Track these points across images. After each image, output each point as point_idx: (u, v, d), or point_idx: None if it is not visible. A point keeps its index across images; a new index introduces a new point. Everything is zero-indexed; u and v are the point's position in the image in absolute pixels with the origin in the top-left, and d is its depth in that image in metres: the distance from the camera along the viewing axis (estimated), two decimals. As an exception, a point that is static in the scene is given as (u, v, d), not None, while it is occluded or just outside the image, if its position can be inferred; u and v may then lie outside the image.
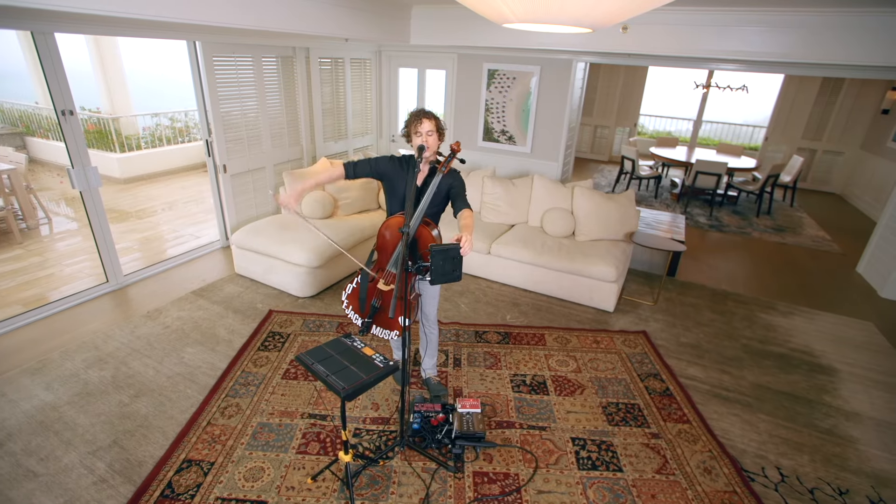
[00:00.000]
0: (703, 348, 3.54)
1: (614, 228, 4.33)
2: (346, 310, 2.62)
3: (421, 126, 2.31)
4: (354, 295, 2.60)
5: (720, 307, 4.18)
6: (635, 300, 4.23)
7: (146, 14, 2.52)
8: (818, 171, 8.77)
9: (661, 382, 3.11)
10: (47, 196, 6.45)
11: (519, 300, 4.12)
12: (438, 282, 1.99)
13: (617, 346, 3.51)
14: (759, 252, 5.59)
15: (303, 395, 2.83)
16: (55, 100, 3.33)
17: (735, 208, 7.36)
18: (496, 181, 4.78)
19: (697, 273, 4.87)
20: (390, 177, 2.47)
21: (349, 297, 2.61)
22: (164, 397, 2.75)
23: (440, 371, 3.11)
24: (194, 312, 3.66)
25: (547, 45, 4.20)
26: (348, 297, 2.62)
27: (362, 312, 2.56)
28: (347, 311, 2.62)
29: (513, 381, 3.05)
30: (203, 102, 4.25)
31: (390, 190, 2.49)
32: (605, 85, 10.19)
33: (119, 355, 3.10)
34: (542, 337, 3.57)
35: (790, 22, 3.45)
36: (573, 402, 2.89)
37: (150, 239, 5.23)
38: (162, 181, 7.50)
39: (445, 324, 3.68)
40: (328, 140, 5.77)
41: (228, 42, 4.19)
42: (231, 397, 2.78)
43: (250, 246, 4.07)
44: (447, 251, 1.95)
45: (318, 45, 5.15)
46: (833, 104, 8.32)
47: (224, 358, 3.13)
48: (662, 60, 4.96)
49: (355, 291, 2.58)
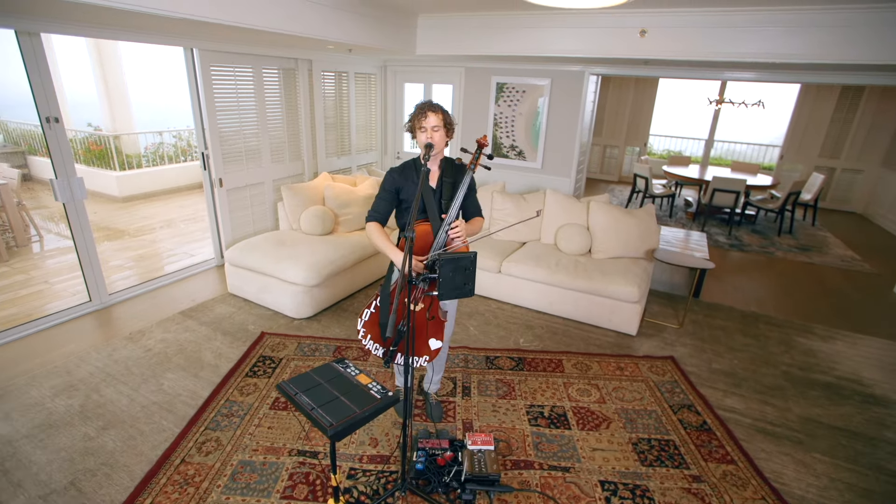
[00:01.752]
0: (739, 376, 3.18)
1: (634, 245, 4.03)
2: (364, 340, 2.28)
3: (426, 120, 2.06)
4: (373, 321, 2.26)
5: (752, 330, 3.83)
6: (659, 322, 3.89)
7: (141, 6, 2.32)
8: (838, 190, 8.47)
9: (697, 415, 2.76)
10: (45, 214, 6.27)
11: (532, 323, 3.80)
12: (448, 297, 1.71)
13: (643, 373, 3.16)
14: (786, 272, 5.25)
15: (292, 427, 2.51)
16: (39, 106, 3.14)
17: (754, 227, 7.05)
18: (506, 196, 4.53)
19: (723, 294, 4.53)
20: (406, 188, 2.22)
21: (367, 324, 2.27)
22: (135, 430, 2.44)
23: (446, 401, 2.78)
24: (180, 334, 3.37)
25: (560, 51, 4.00)
26: (365, 325, 2.27)
27: (384, 340, 2.22)
28: (365, 342, 2.28)
29: (529, 413, 2.71)
30: (200, 113, 4.07)
31: (408, 202, 2.24)
32: (615, 103, 10.06)
33: (91, 381, 2.80)
34: (560, 363, 3.24)
35: (813, 21, 3.23)
36: (599, 438, 2.54)
37: (143, 257, 4.99)
38: (161, 200, 7.33)
39: (453, 348, 3.36)
40: (330, 156, 5.57)
41: (227, 51, 4.03)
42: (211, 430, 2.46)
43: (244, 263, 3.81)
44: (458, 261, 1.67)
45: (321, 58, 5.01)
46: (851, 121, 8.09)
47: (208, 385, 2.83)
48: (678, 68, 4.76)
49: (374, 317, 2.25)
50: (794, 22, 3.27)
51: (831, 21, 3.20)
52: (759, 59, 3.43)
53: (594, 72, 5.01)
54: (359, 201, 4.49)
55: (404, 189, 2.23)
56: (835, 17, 3.18)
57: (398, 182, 2.23)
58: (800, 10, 3.23)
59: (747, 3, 3.26)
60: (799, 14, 3.25)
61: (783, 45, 3.35)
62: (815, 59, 3.30)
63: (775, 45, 3.36)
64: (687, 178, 7.26)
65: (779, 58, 3.38)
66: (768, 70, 4.40)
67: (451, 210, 2.08)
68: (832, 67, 3.97)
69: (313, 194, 4.39)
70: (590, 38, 3.85)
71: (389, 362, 2.20)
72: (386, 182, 2.26)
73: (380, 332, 2.23)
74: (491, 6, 3.96)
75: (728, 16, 3.41)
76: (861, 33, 3.15)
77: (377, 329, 2.24)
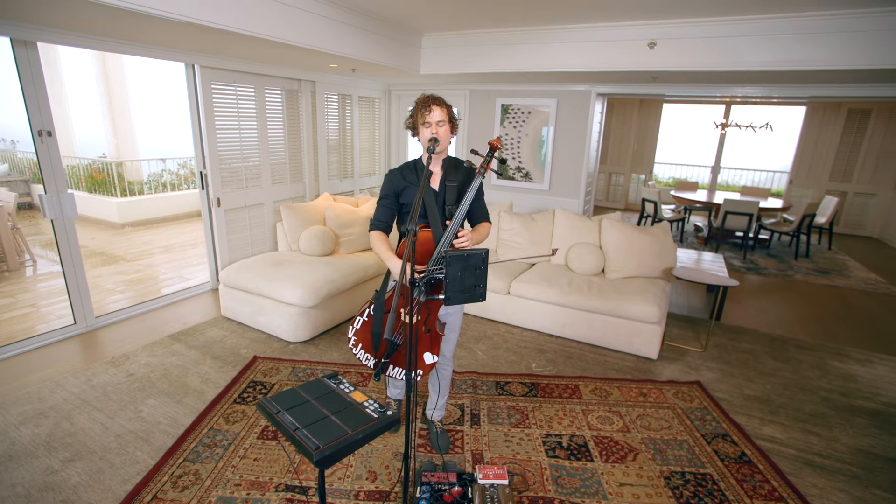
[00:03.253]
0: (774, 402, 2.89)
1: (650, 264, 3.82)
2: (355, 349, 2.09)
3: (430, 115, 1.91)
4: (366, 329, 2.08)
5: (782, 354, 3.55)
6: (680, 346, 3.62)
7: (141, 5, 2.24)
8: (850, 215, 8.28)
9: (734, 445, 2.46)
10: (43, 240, 6.15)
11: (544, 346, 3.55)
12: (456, 300, 1.50)
13: (669, 399, 2.88)
14: (808, 295, 4.98)
15: (281, 459, 2.24)
16: (32, 119, 3.04)
17: (769, 252, 6.82)
18: (514, 216, 4.36)
19: (744, 317, 4.27)
20: (407, 191, 2.06)
21: (358, 332, 2.09)
22: (105, 462, 2.18)
23: (453, 430, 2.51)
24: (167, 358, 3.14)
25: (567, 66, 3.93)
26: (357, 334, 2.09)
27: (376, 351, 2.03)
28: (356, 351, 2.09)
29: (546, 443, 2.43)
30: (199, 131, 3.98)
31: (409, 207, 2.07)
32: (619, 130, 10.06)
33: (64, 408, 2.56)
34: (577, 388, 2.97)
35: (821, 27, 3.14)
36: (626, 472, 2.25)
37: (136, 281, 4.80)
38: (161, 227, 7.23)
39: (460, 373, 3.10)
40: (333, 178, 5.48)
41: (229, 69, 3.99)
42: (190, 462, 2.19)
43: (239, 284, 3.61)
44: (468, 258, 1.47)
45: (324, 80, 4.99)
46: (859, 143, 8.00)
47: (191, 412, 2.57)
48: (685, 84, 4.68)
49: (366, 325, 2.06)
50: (800, 29, 3.19)
51: (836, 27, 3.11)
52: (767, 67, 3.33)
53: (600, 91, 4.95)
54: (361, 221, 4.34)
55: (405, 192, 2.06)
56: (840, 22, 3.10)
57: (397, 185, 2.07)
58: (805, 17, 3.15)
59: (753, 11, 3.19)
60: (805, 21, 3.16)
61: (789, 52, 3.25)
62: (824, 66, 3.19)
63: (783, 53, 3.27)
64: (697, 202, 7.11)
65: (786, 65, 3.27)
66: (775, 83, 4.31)
67: (457, 217, 1.90)
68: (838, 78, 3.87)
69: (314, 214, 4.24)
70: (596, 51, 3.78)
71: (380, 374, 1.99)
72: (385, 187, 2.10)
73: (372, 342, 2.01)
74: (495, 23, 3.92)
75: (736, 25, 3.34)
76: (868, 38, 3.06)
77: (369, 338, 2.03)
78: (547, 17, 3.67)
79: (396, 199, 2.08)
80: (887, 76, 3.63)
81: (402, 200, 2.07)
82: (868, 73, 3.44)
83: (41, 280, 4.83)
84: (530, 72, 4.13)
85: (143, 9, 2.24)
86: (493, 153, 1.92)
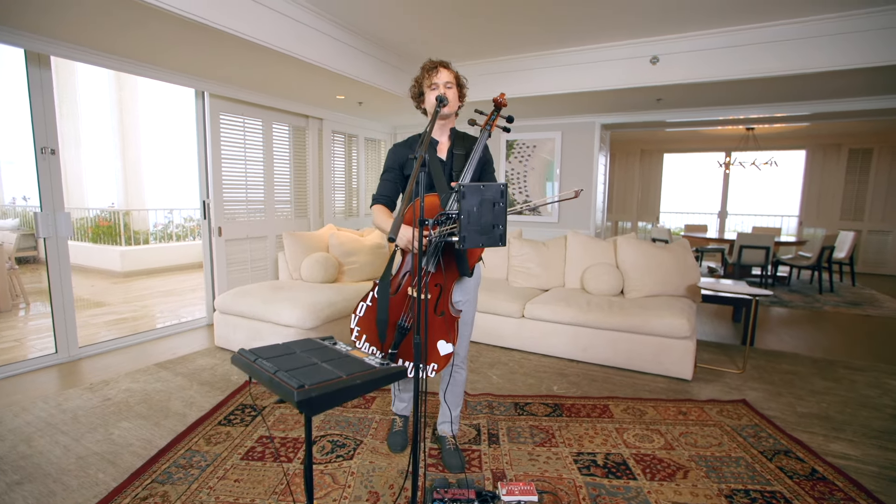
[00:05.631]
0: (836, 419, 2.52)
1: (672, 281, 3.58)
2: (358, 342, 1.84)
3: (438, 76, 1.82)
4: (370, 317, 1.83)
5: (831, 374, 3.19)
6: (715, 368, 3.28)
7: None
8: (869, 253, 8.04)
9: (800, 462, 2.09)
10: (42, 289, 5.99)
11: (566, 371, 3.22)
12: (472, 242, 1.29)
13: (713, 417, 2.52)
14: (844, 323, 4.64)
15: (267, 479, 1.90)
16: (37, 135, 3.02)
17: (790, 288, 6.52)
18: (524, 242, 4.20)
19: (780, 343, 3.92)
20: (411, 163, 1.92)
21: (362, 321, 1.85)
22: (59, 485, 1.85)
23: (469, 450, 2.16)
24: (150, 384, 2.85)
25: (567, 88, 3.97)
26: (360, 323, 1.85)
27: (382, 342, 1.78)
28: (359, 344, 1.84)
29: (578, 462, 2.07)
30: (205, 160, 3.97)
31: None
32: (622, 178, 10.16)
33: (24, 431, 2.25)
34: (606, 408, 2.62)
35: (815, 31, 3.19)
36: (677, 490, 1.87)
37: (128, 318, 4.57)
38: (164, 276, 7.09)
39: (473, 395, 2.77)
40: (338, 215, 5.41)
41: (237, 99, 4.06)
42: (158, 483, 1.86)
43: (235, 309, 3.38)
44: (483, 190, 1.29)
45: (331, 118, 5.09)
46: (865, 182, 7.96)
47: (169, 434, 2.25)
48: (689, 109, 4.71)
49: (371, 312, 1.82)
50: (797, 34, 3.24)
51: (831, 29, 3.16)
52: (766, 73, 3.33)
53: (604, 122, 5.00)
54: (365, 250, 4.19)
55: (409, 164, 1.92)
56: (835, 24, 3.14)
57: (402, 157, 1.94)
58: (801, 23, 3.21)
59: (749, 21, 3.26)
60: (802, 27, 3.21)
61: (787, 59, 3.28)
62: (823, 68, 3.19)
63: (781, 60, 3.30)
64: (710, 240, 6.95)
65: (785, 70, 3.28)
66: (776, 101, 4.30)
67: (465, 177, 1.75)
68: (837, 90, 3.85)
69: (317, 242, 4.11)
70: (601, 71, 3.84)
71: None
72: (389, 160, 1.97)
73: (378, 332, 1.76)
74: (503, 51, 4.03)
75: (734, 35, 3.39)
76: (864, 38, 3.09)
77: (374, 328, 1.77)
78: (551, 41, 3.78)
79: (401, 171, 1.94)
80: (884, 84, 3.62)
81: (407, 172, 1.93)
82: (864, 76, 3.40)
83: (32, 320, 4.61)
84: (536, 96, 4.17)
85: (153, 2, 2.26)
86: (498, 110, 1.80)
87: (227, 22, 2.64)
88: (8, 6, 2.36)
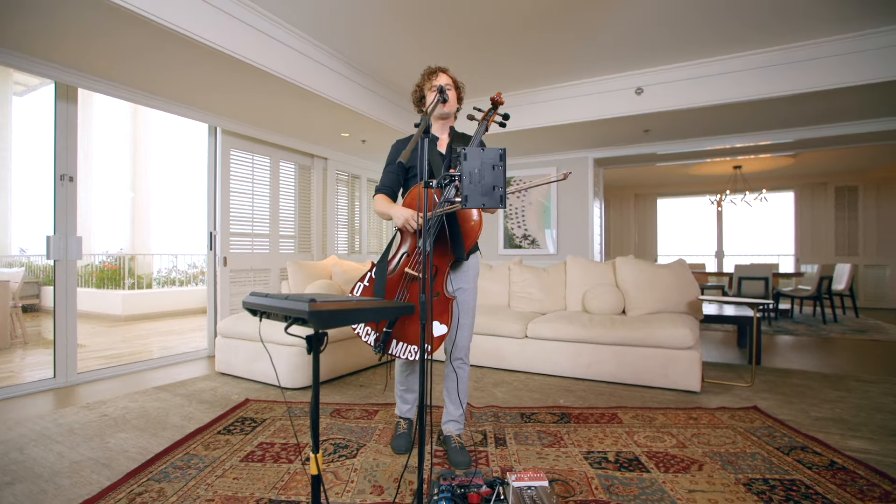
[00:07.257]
0: (851, 422, 2.46)
1: (673, 298, 3.60)
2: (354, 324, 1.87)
3: (437, 79, 1.99)
4: (366, 297, 1.88)
5: (843, 385, 3.13)
6: (723, 382, 3.22)
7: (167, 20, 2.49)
8: (868, 287, 8.06)
9: (818, 455, 2.02)
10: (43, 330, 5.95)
11: (571, 388, 3.16)
12: (473, 202, 1.37)
13: (724, 421, 2.46)
14: (852, 348, 4.58)
15: (266, 477, 1.83)
16: (58, 162, 3.18)
17: (793, 320, 6.48)
18: (525, 268, 4.27)
19: (787, 363, 3.87)
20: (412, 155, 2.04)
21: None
22: (51, 485, 1.78)
23: (475, 451, 2.10)
24: (148, 403, 2.79)
25: (557, 121, 4.22)
26: None
27: (377, 322, 1.81)
28: (354, 325, 1.86)
29: (588, 458, 2.01)
30: (214, 193, 4.13)
31: (415, 171, 2.05)
32: (618, 222, 10.38)
33: (18, 441, 2.19)
34: (615, 415, 2.56)
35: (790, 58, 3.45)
36: (693, 480, 1.80)
37: (124, 354, 4.51)
38: (165, 320, 7.05)
39: (478, 407, 2.71)
40: (341, 253, 5.50)
41: (248, 136, 4.29)
42: (155, 481, 1.79)
43: (237, 332, 3.38)
44: (484, 153, 1.38)
45: (336, 157, 5.33)
46: (855, 219, 8.15)
47: (166, 443, 2.19)
48: (677, 141, 4.93)
49: (367, 292, 1.88)
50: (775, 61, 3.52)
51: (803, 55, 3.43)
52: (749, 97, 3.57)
53: (596, 157, 5.24)
54: (367, 278, 4.23)
55: (411, 157, 2.04)
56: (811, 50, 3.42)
57: (403, 147, 2.06)
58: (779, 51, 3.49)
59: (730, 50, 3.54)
60: (782, 53, 3.49)
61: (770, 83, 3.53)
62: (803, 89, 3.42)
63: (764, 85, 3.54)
64: (709, 274, 7.00)
65: (767, 93, 3.52)
66: (761, 129, 4.53)
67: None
68: (820, 116, 4.08)
69: (320, 271, 4.16)
70: (588, 104, 4.10)
71: (382, 349, 1.73)
72: (391, 154, 2.10)
73: None
74: (489, 88, 4.32)
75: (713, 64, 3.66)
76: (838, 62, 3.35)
77: None
78: (538, 78, 4.07)
79: (402, 165, 2.05)
80: (864, 108, 3.86)
81: (408, 165, 2.04)
82: (844, 98, 3.64)
83: (29, 356, 4.55)
84: (529, 129, 4.41)
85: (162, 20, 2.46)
86: (495, 108, 1.94)
87: (238, 48, 2.87)
88: (45, 38, 2.59)
